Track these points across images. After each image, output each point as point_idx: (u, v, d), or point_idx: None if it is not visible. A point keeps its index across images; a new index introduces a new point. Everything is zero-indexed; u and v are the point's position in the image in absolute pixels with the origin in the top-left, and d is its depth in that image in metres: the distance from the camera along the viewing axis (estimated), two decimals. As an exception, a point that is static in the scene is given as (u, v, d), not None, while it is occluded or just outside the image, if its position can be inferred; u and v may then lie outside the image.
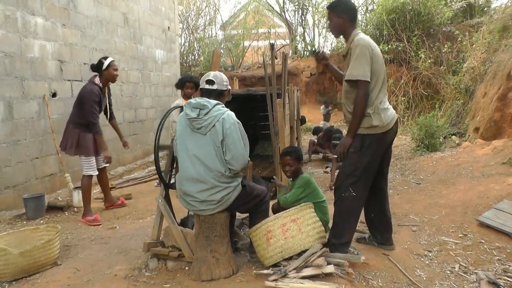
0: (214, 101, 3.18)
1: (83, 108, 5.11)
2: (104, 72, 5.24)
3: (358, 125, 3.31)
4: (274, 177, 4.55)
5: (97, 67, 5.29)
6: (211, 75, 3.31)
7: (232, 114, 3.18)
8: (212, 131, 3.08)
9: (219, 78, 3.30)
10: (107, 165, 5.55)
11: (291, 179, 3.94)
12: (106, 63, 5.24)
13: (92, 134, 5.18)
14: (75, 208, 5.66)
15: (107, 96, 5.46)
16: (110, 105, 5.61)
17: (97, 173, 5.35)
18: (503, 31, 9.14)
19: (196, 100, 3.18)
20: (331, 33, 3.81)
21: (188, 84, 6.05)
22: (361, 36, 3.34)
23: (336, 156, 3.45)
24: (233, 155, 3.09)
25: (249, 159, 3.30)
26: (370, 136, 3.31)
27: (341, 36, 3.52)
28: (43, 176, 5.98)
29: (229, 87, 3.41)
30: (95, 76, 5.29)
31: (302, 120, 9.99)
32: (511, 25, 8.90)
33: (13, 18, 5.40)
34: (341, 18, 3.39)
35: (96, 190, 6.75)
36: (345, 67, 3.39)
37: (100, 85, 5.23)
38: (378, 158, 3.42)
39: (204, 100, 3.15)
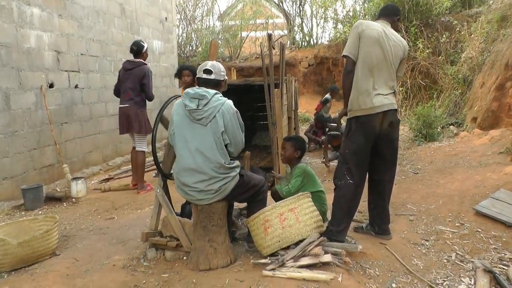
0: (212, 91, 3.17)
1: (145, 86, 5.76)
2: (144, 54, 5.84)
3: (346, 98, 3.46)
4: (272, 171, 4.57)
5: (138, 50, 5.86)
6: (208, 64, 3.29)
7: (231, 102, 3.20)
8: (213, 122, 3.07)
9: (217, 68, 3.30)
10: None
11: (288, 165, 4.05)
12: (145, 45, 5.90)
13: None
14: (73, 199, 5.67)
15: None
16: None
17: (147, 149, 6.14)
18: (502, 21, 9.10)
19: (194, 90, 3.15)
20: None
21: (184, 72, 6.05)
22: (360, 20, 3.45)
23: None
24: (233, 143, 3.17)
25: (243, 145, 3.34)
26: (354, 120, 3.40)
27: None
28: (41, 167, 5.98)
29: (226, 77, 3.41)
30: (138, 58, 5.86)
31: (334, 89, 9.79)
32: (509, 15, 8.86)
33: (8, 8, 5.37)
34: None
35: (94, 181, 6.76)
36: None
37: None
38: (366, 144, 3.42)
39: (202, 90, 3.14)
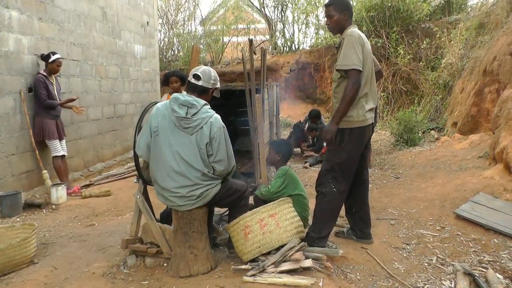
0: (202, 101, 3.12)
1: (36, 96, 5.97)
2: (48, 64, 6.03)
3: (344, 113, 3.26)
4: (251, 183, 4.68)
5: (44, 59, 6.06)
6: (200, 70, 3.23)
7: (219, 117, 3.15)
8: (199, 132, 3.04)
9: (207, 75, 3.21)
10: (65, 154, 6.26)
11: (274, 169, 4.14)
12: (52, 58, 6.01)
13: (55, 113, 6.06)
14: (53, 206, 5.57)
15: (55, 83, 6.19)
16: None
17: (63, 153, 6.14)
18: (479, 28, 9.31)
19: (184, 97, 3.11)
20: (329, 30, 3.69)
21: (172, 79, 5.95)
22: (355, 29, 3.36)
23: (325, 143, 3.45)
24: (217, 158, 3.09)
25: (234, 164, 3.28)
26: (348, 131, 3.32)
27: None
28: (20, 173, 5.86)
29: (218, 85, 3.32)
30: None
31: None
32: (486, 22, 9.05)
33: (-14, 11, 5.27)
34: (343, 14, 3.40)
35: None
36: (338, 59, 3.37)
37: (45, 74, 6.01)
38: (358, 154, 3.45)
39: (192, 99, 3.09)
